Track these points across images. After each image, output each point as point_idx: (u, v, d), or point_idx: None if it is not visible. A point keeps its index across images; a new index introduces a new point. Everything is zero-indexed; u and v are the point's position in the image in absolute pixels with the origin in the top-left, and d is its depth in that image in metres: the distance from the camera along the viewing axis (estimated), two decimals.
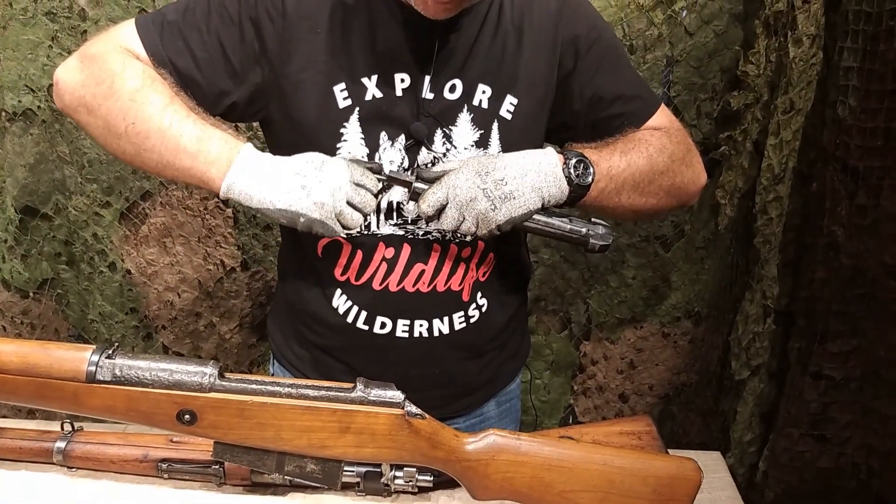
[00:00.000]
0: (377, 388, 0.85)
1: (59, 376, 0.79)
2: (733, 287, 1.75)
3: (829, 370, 1.40)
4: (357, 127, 1.05)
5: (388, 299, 1.11)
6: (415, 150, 1.07)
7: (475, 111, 1.07)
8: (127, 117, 0.97)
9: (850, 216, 1.36)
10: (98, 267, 1.76)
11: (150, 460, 1.03)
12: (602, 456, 0.90)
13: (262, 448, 0.84)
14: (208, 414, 0.81)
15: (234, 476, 1.02)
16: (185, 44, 1.02)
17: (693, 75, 1.64)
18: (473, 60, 1.05)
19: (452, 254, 1.10)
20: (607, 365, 1.90)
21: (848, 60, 1.39)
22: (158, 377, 0.81)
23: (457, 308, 1.14)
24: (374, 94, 1.04)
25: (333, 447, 0.84)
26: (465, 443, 0.88)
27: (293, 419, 0.82)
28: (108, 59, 0.99)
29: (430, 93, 1.04)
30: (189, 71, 1.02)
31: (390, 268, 1.10)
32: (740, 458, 1.66)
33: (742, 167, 1.64)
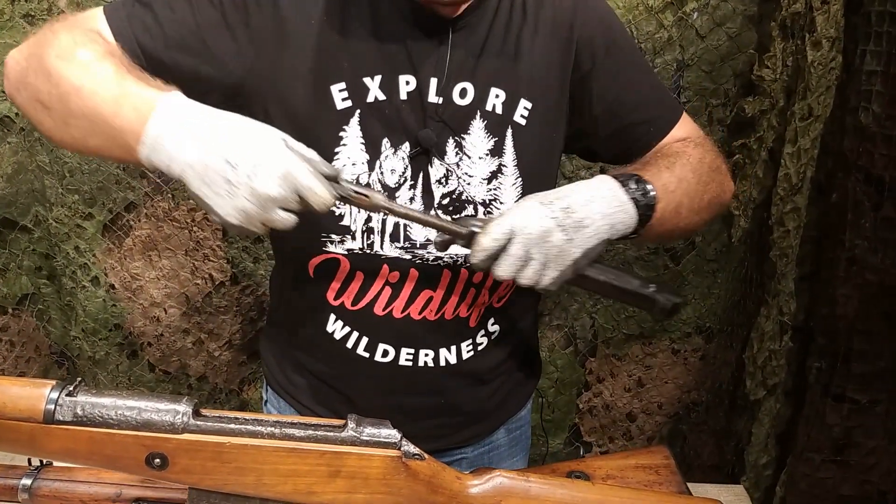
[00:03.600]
0: (371, 426, 0.77)
1: (14, 416, 0.70)
2: (747, 302, 1.67)
3: (852, 392, 1.32)
4: (357, 131, 0.96)
5: (391, 326, 1.03)
6: (421, 160, 0.98)
7: (488, 117, 0.98)
8: (49, 78, 0.83)
9: (875, 229, 1.28)
10: (80, 281, 1.68)
11: (124, 499, 0.94)
12: (619, 499, 0.82)
13: (242, 494, 0.76)
14: (181, 458, 0.72)
15: None
16: (156, 21, 0.91)
17: (705, 80, 1.56)
18: (485, 62, 0.97)
19: (463, 279, 1.01)
20: (614, 382, 1.82)
21: (871, 64, 1.32)
22: (125, 416, 0.72)
23: (465, 336, 1.06)
24: (377, 97, 0.95)
25: (322, 493, 0.75)
26: (468, 486, 0.80)
27: (276, 462, 0.74)
28: (51, 32, 0.87)
29: (438, 97, 0.96)
30: (157, 52, 0.91)
31: (395, 293, 1.01)
32: (755, 482, 1.58)
33: (757, 176, 1.56)
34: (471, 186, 0.99)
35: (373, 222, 0.98)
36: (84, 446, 0.71)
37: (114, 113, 0.80)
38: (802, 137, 1.45)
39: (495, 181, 1.00)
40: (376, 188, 0.97)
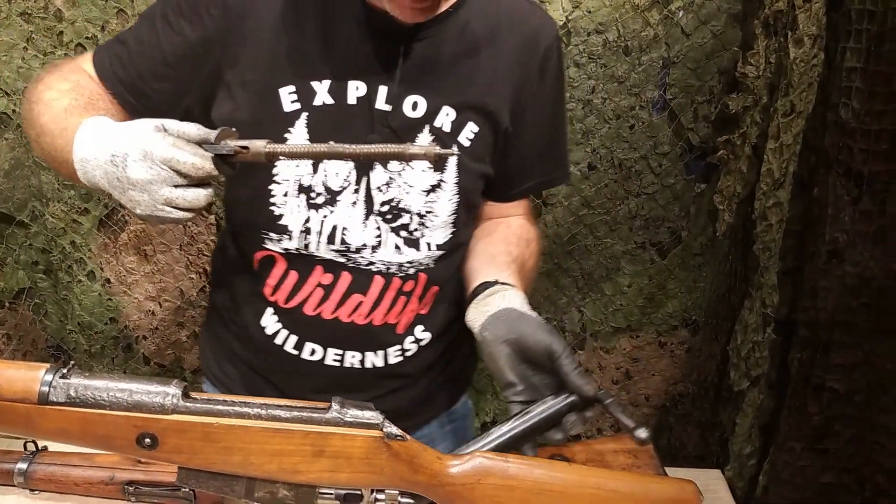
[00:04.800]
0: (354, 408, 0.79)
1: (9, 397, 0.73)
2: (731, 295, 1.70)
3: (832, 382, 1.35)
4: (304, 133, 0.98)
5: (320, 327, 1.05)
6: (366, 166, 1.00)
7: (436, 133, 1.00)
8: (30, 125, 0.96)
9: (853, 223, 1.31)
10: (76, 276, 1.71)
11: (117, 482, 0.97)
12: (596, 479, 0.85)
13: (230, 473, 0.78)
14: (171, 437, 0.75)
15: (206, 499, 0.96)
16: (129, 57, 1.00)
17: (690, 77, 1.59)
18: (440, 79, 1.00)
19: (395, 287, 1.04)
20: (602, 375, 1.85)
21: (851, 61, 1.35)
22: (117, 398, 0.75)
23: (392, 342, 1.09)
24: (325, 101, 0.98)
25: (307, 472, 0.78)
26: (448, 466, 0.82)
27: (263, 442, 0.76)
28: (41, 76, 0.99)
29: (387, 105, 0.98)
30: (135, 84, 1.00)
31: (326, 294, 1.04)
32: (739, 471, 1.61)
33: (741, 172, 1.59)
34: (409, 196, 1.02)
35: (311, 223, 1.01)
36: (77, 426, 0.74)
37: (61, 148, 0.88)
38: (785, 133, 1.48)
39: (433, 194, 1.03)
40: (319, 191, 1.00)
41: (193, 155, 0.80)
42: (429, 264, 1.06)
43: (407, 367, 1.11)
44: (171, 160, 0.79)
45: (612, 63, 1.57)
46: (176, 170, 0.79)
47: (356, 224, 1.02)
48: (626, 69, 1.58)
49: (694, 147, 1.65)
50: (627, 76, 1.58)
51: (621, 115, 1.61)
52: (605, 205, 1.69)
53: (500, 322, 0.90)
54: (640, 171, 1.66)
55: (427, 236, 1.04)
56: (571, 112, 1.60)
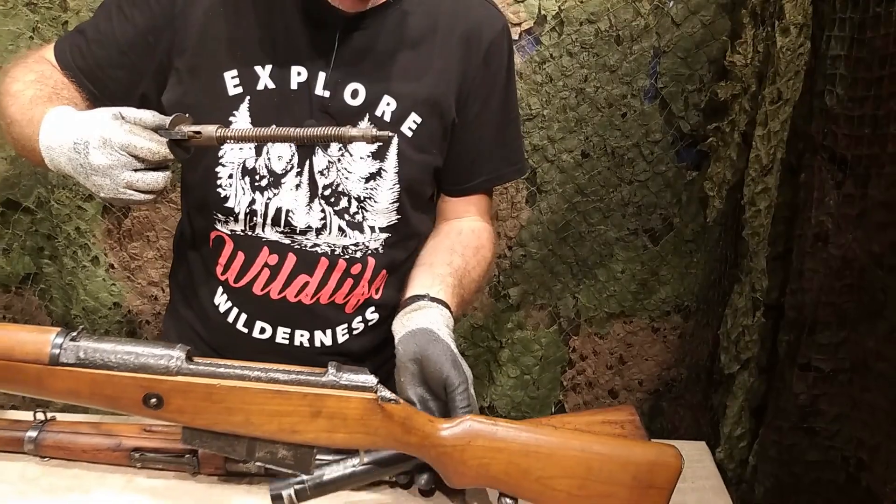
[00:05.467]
0: (349, 372, 0.83)
1: (22, 358, 0.77)
2: (722, 280, 1.74)
3: (817, 362, 1.39)
4: (247, 117, 1.02)
5: (268, 306, 1.09)
6: (308, 150, 1.04)
7: (377, 122, 1.04)
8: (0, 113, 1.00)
9: (838, 206, 1.34)
10: (81, 261, 1.75)
11: (123, 449, 1.01)
12: (580, 442, 0.88)
13: (231, 433, 0.82)
14: (175, 398, 0.79)
15: (209, 465, 1.00)
16: (87, 46, 1.05)
17: (680, 66, 1.63)
18: (382, 68, 1.03)
19: (340, 269, 1.08)
20: (596, 360, 1.88)
21: (835, 49, 1.38)
22: (124, 360, 0.79)
23: (340, 322, 1.12)
24: (267, 85, 1.01)
25: (305, 432, 0.82)
26: (439, 428, 0.86)
27: (263, 403, 0.80)
28: (8, 69, 1.04)
29: (325, 90, 1.01)
30: (93, 72, 1.04)
31: (273, 275, 1.08)
32: (730, 452, 1.64)
33: (730, 159, 1.63)
34: (349, 181, 1.05)
35: (256, 205, 1.04)
36: (86, 387, 0.78)
37: (28, 136, 0.92)
38: (772, 120, 1.51)
39: (373, 182, 1.06)
40: (263, 174, 1.04)
41: (149, 140, 0.84)
42: (377, 248, 1.09)
43: (354, 345, 1.14)
44: (128, 146, 0.83)
45: (605, 52, 1.61)
46: (134, 155, 0.84)
47: (301, 207, 1.06)
48: (617, 58, 1.61)
49: (685, 135, 1.68)
50: (619, 65, 1.62)
51: (613, 104, 1.65)
52: (598, 192, 1.72)
53: (413, 341, 0.92)
54: (633, 158, 1.69)
55: (369, 220, 1.08)
56: (565, 100, 1.64)
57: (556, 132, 1.66)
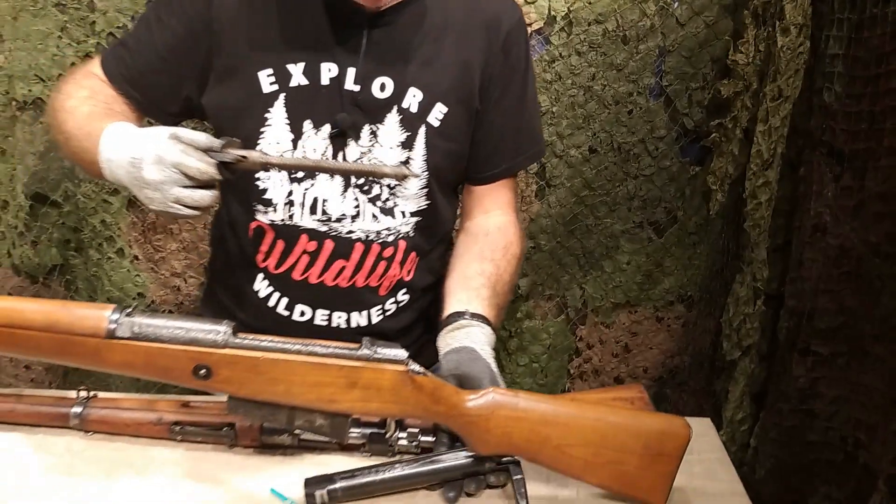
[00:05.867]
0: (382, 346, 0.90)
1: (81, 332, 0.83)
2: (725, 271, 1.80)
3: (816, 346, 1.44)
4: (282, 113, 1.09)
5: (307, 290, 1.16)
6: (340, 141, 1.10)
7: (404, 113, 1.10)
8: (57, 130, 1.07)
9: (836, 198, 1.40)
10: (106, 253, 1.81)
11: (164, 423, 1.07)
12: (596, 412, 0.95)
13: (273, 403, 0.89)
14: (223, 369, 0.85)
15: (245, 437, 1.06)
16: (131, 57, 1.11)
17: (685, 65, 1.69)
18: (407, 61, 1.09)
19: (374, 253, 1.15)
20: (603, 349, 1.95)
21: (834, 48, 1.44)
22: (175, 334, 0.85)
23: (374, 303, 1.19)
24: (300, 82, 1.08)
25: (341, 402, 0.88)
26: (465, 399, 0.93)
27: (303, 374, 0.87)
28: (59, 87, 1.11)
29: (356, 85, 1.08)
30: (139, 81, 1.11)
31: (311, 261, 1.14)
32: (732, 436, 1.71)
33: (732, 154, 1.69)
34: None
35: (294, 196, 1.11)
36: (141, 359, 0.84)
37: (86, 149, 0.99)
38: (773, 117, 1.58)
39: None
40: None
41: (200, 161, 0.91)
42: (408, 232, 1.16)
43: (388, 324, 1.21)
44: (180, 164, 0.90)
45: (612, 51, 1.67)
46: (184, 173, 0.91)
47: (335, 196, 1.12)
48: (624, 57, 1.68)
49: (689, 131, 1.75)
50: (626, 64, 1.68)
51: (620, 101, 1.71)
52: (604, 186, 1.79)
53: (456, 357, 1.01)
54: (638, 154, 1.76)
55: (400, 205, 1.14)
56: (573, 98, 1.70)
57: (564, 128, 1.73)
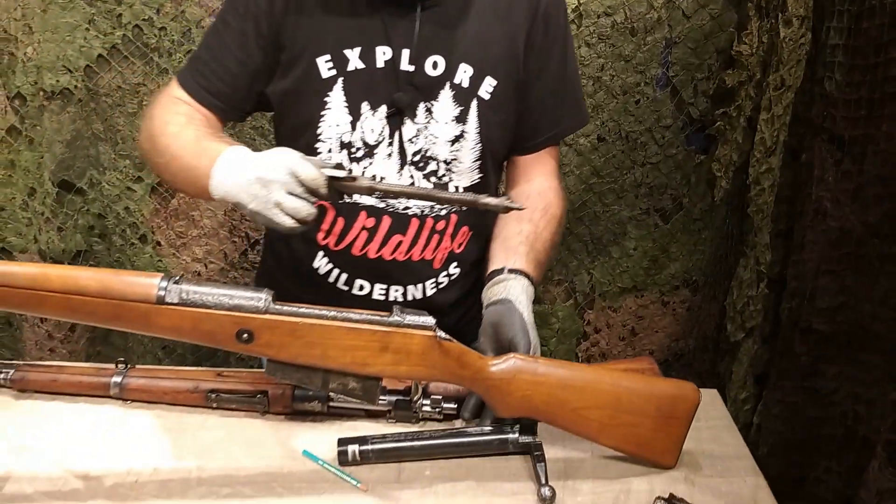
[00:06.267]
0: (411, 314, 0.96)
1: (133, 298, 0.89)
2: (729, 256, 1.86)
3: (817, 325, 1.51)
4: (341, 96, 1.14)
5: (366, 265, 1.22)
6: (396, 121, 1.15)
7: (456, 89, 1.15)
8: (157, 152, 1.12)
9: (836, 182, 1.46)
10: (129, 239, 1.86)
11: (200, 391, 1.13)
12: (611, 377, 1.01)
13: (310, 366, 0.94)
14: (264, 333, 0.91)
15: (277, 404, 1.12)
16: (207, 66, 1.16)
17: (690, 56, 1.75)
18: (456, 38, 1.14)
19: (428, 227, 1.20)
20: (610, 332, 2.01)
21: (834, 38, 1.50)
22: (220, 301, 0.91)
23: (429, 276, 1.25)
24: (357, 66, 1.13)
25: (373, 365, 0.94)
26: (489, 364, 0.99)
27: (338, 339, 0.92)
28: (152, 109, 1.16)
29: (410, 65, 1.13)
30: (217, 88, 1.16)
31: (370, 236, 1.20)
32: (736, 415, 1.76)
33: (736, 142, 1.75)
34: (436, 146, 1.18)
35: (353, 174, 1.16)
36: (188, 323, 0.90)
37: (195, 166, 1.04)
38: (776, 105, 1.64)
39: (457, 144, 1.18)
40: (358, 146, 1.17)
41: (312, 170, 0.96)
42: (459, 206, 1.22)
43: (440, 298, 1.27)
44: (294, 168, 0.95)
45: (620, 43, 1.73)
46: (295, 175, 0.95)
47: (392, 173, 1.18)
48: (632, 49, 1.73)
49: (694, 120, 1.80)
50: (633, 55, 1.74)
51: (628, 91, 1.77)
52: (612, 174, 1.84)
53: (494, 309, 1.09)
54: (645, 142, 1.82)
55: (455, 180, 1.20)
56: (583, 88, 1.75)
57: None
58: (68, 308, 0.88)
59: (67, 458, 1.04)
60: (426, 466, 1.04)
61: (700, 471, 1.05)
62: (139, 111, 1.73)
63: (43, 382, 1.16)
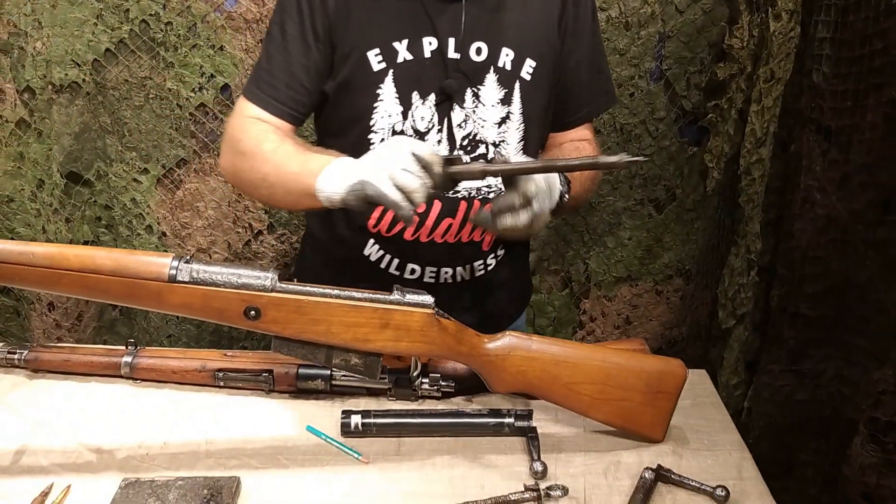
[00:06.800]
0: (412, 293, 1.00)
1: (146, 277, 0.93)
2: (721, 245, 1.90)
3: (805, 310, 1.55)
4: (392, 88, 1.19)
5: (418, 249, 1.26)
6: (445, 107, 1.20)
7: (500, 72, 1.20)
8: (253, 171, 1.15)
9: (823, 171, 1.50)
10: (136, 229, 1.91)
11: (208, 370, 1.18)
12: (602, 354, 1.06)
13: (314, 342, 0.99)
14: (270, 310, 0.96)
15: (282, 383, 1.17)
16: (271, 75, 1.19)
17: (683, 49, 1.79)
18: (497, 24, 1.19)
19: (476, 209, 1.25)
20: (605, 321, 2.05)
21: (822, 32, 1.54)
22: (229, 279, 0.95)
23: (477, 257, 1.30)
24: (405, 57, 1.18)
25: (375, 341, 0.98)
26: (485, 341, 1.03)
27: (342, 315, 0.97)
28: (233, 133, 1.19)
29: (456, 53, 1.18)
30: (286, 95, 1.19)
31: (421, 221, 1.24)
32: (726, 401, 1.80)
33: (728, 133, 1.79)
34: (484, 129, 1.22)
35: None
36: (199, 301, 0.95)
37: (301, 172, 1.08)
38: (766, 97, 1.68)
39: (504, 125, 1.23)
40: (409, 134, 1.21)
41: (429, 147, 1.01)
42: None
43: (486, 279, 1.32)
44: (414, 147, 0.99)
45: (614, 37, 1.77)
46: (413, 153, 0.99)
47: None
48: (626, 42, 1.78)
49: (687, 112, 1.85)
50: (628, 49, 1.78)
51: (622, 84, 1.81)
52: None
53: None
54: (640, 134, 1.86)
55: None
56: None
57: None
58: (84, 286, 0.93)
59: (80, 433, 1.09)
60: (425, 441, 1.09)
61: (687, 444, 1.10)
62: (145, 104, 1.78)
63: (56, 363, 1.20)
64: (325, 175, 1.05)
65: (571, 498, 0.98)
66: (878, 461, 1.28)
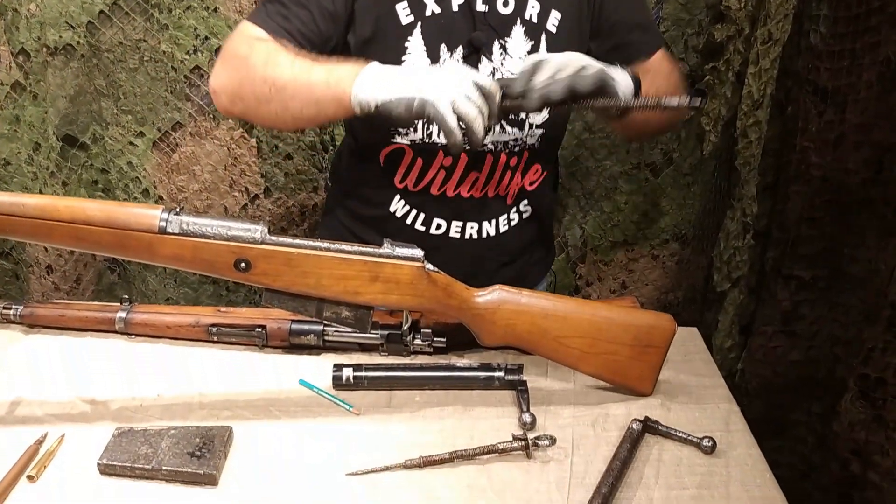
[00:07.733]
0: (401, 247, 1.01)
1: (136, 228, 0.94)
2: (717, 210, 1.90)
3: (799, 271, 1.55)
4: (420, 41, 1.18)
5: (444, 204, 1.27)
6: (473, 60, 1.20)
7: (527, 24, 1.20)
8: (266, 82, 1.09)
9: (819, 132, 1.50)
10: (132, 193, 1.91)
11: (201, 325, 1.19)
12: (591, 308, 1.06)
13: (304, 295, 1.00)
14: (260, 263, 0.96)
15: (275, 338, 1.18)
16: (288, 10, 1.16)
17: (681, 11, 1.77)
18: None
19: (502, 162, 1.25)
20: (601, 286, 2.06)
21: None
22: (219, 231, 0.96)
23: (502, 212, 1.30)
24: (434, 10, 1.17)
25: (365, 293, 0.99)
26: (475, 294, 1.04)
27: (331, 268, 0.98)
28: (237, 51, 1.13)
29: (484, 5, 1.18)
30: (299, 29, 1.16)
31: (448, 175, 1.24)
32: (721, 363, 1.81)
33: (725, 96, 1.78)
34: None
35: None
36: (189, 252, 0.95)
37: (326, 82, 1.05)
38: (763, 59, 1.67)
39: None
40: None
41: (491, 82, 1.01)
42: (532, 144, 1.26)
43: (510, 239, 1.33)
44: (475, 76, 1.00)
45: None
46: (475, 82, 0.99)
47: None
48: None
49: (685, 75, 1.83)
50: None
51: None
52: (604, 129, 1.88)
53: None
54: None
55: (529, 116, 1.24)
56: None
57: None
58: (75, 237, 0.93)
59: (75, 385, 1.10)
60: (416, 394, 1.10)
61: (675, 398, 1.11)
62: (140, 67, 1.77)
63: (51, 318, 1.22)
64: (362, 79, 1.03)
65: (559, 447, 0.99)
66: (868, 417, 1.29)
